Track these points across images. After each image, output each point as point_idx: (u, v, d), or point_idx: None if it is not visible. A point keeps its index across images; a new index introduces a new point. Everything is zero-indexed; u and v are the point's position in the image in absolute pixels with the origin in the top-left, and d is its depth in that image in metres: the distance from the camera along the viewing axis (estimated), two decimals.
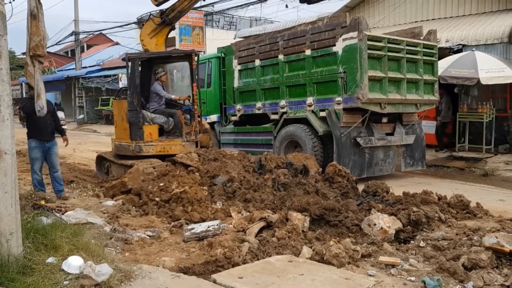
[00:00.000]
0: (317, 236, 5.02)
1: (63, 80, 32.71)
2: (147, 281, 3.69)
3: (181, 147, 8.57)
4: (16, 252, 3.59)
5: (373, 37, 9.06)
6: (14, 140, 3.76)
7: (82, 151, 15.45)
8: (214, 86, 12.39)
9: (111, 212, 6.16)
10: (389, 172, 10.18)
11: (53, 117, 7.35)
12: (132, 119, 8.74)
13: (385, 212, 5.57)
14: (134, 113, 8.73)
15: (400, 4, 15.97)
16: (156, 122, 8.98)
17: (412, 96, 9.77)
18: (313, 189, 6.67)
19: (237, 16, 32.76)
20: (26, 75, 6.04)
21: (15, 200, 3.65)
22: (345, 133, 9.27)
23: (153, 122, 8.97)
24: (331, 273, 3.91)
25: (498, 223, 5.38)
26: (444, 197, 6.45)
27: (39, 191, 7.03)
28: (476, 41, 13.01)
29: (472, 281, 3.83)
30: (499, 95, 12.99)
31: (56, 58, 39.84)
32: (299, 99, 10.20)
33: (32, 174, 7.25)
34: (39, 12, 5.78)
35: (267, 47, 10.92)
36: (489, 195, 8.32)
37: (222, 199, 6.46)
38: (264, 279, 3.75)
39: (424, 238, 4.93)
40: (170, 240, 5.16)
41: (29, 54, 5.87)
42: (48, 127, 7.20)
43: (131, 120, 8.73)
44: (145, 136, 8.75)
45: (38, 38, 5.76)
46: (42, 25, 5.83)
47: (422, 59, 9.87)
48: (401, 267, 4.18)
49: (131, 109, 8.73)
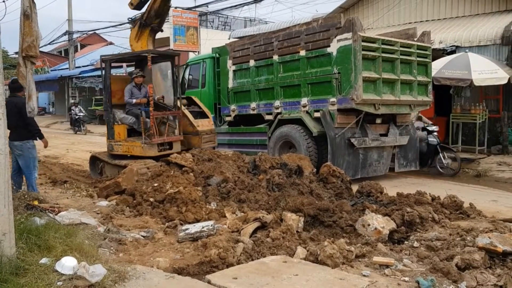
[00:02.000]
0: (311, 237, 5.03)
1: (56, 80, 32.53)
2: (141, 282, 3.67)
3: (140, 148, 8.59)
4: (9, 253, 3.57)
5: (367, 38, 9.09)
6: (7, 140, 3.73)
7: (76, 151, 15.38)
8: (209, 86, 12.38)
9: (105, 213, 6.12)
10: (383, 172, 10.22)
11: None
12: (106, 119, 9.33)
13: (379, 213, 5.59)
14: (107, 113, 9.25)
15: (394, 6, 16.05)
16: (124, 122, 9.05)
17: (406, 97, 9.81)
18: (308, 189, 6.68)
19: (231, 17, 32.75)
20: (18, 75, 5.99)
21: (8, 201, 3.62)
22: (339, 134, 9.29)
23: (122, 122, 9.07)
24: (326, 274, 3.92)
25: (491, 223, 5.40)
26: (438, 197, 6.48)
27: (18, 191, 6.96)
28: (469, 43, 13.10)
29: (465, 281, 3.85)
30: (492, 96, 13.09)
31: (50, 57, 39.66)
32: (294, 99, 10.21)
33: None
34: (32, 12, 5.73)
35: (261, 48, 10.93)
36: (482, 195, 8.37)
37: (217, 199, 6.45)
38: (259, 280, 3.74)
39: (418, 238, 4.95)
40: (164, 240, 5.14)
41: (21, 55, 5.82)
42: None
43: (105, 119, 9.31)
44: (115, 135, 9.06)
45: (31, 38, 5.71)
46: (35, 25, 5.79)
47: (416, 60, 9.92)
48: (395, 267, 4.19)
49: (105, 109, 9.26)
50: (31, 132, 7.06)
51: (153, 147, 8.56)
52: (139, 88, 9.20)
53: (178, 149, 8.82)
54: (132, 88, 9.14)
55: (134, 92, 9.14)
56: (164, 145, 8.76)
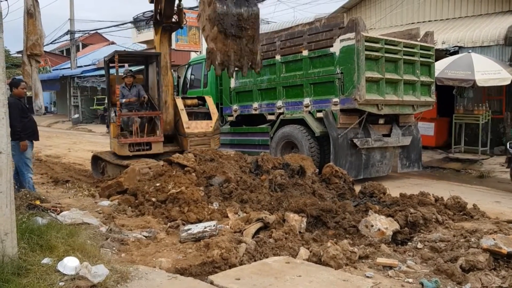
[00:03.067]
0: (314, 237, 5.00)
1: (58, 79, 32.53)
2: (143, 282, 3.66)
3: (117, 147, 8.77)
4: (11, 252, 3.55)
5: (370, 38, 9.07)
6: (9, 140, 3.72)
7: (77, 150, 15.36)
8: (211, 86, 12.36)
9: (107, 213, 6.11)
10: (386, 173, 10.19)
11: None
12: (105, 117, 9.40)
13: (382, 214, 5.56)
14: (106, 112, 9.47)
15: (397, 6, 16.01)
16: (115, 121, 9.15)
17: (409, 98, 9.78)
18: (310, 190, 6.65)
19: None
20: (23, 74, 6.00)
21: (10, 200, 3.61)
22: (342, 134, 9.26)
23: (113, 121, 9.22)
24: (329, 275, 3.89)
25: (495, 224, 5.38)
26: (441, 198, 6.46)
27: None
28: (472, 43, 13.06)
29: (470, 283, 3.83)
30: (494, 97, 13.05)
31: (51, 57, 39.64)
32: (296, 99, 10.19)
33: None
34: (35, 11, 5.75)
35: (264, 48, 10.88)
36: (485, 196, 8.34)
37: (219, 199, 6.43)
38: (261, 281, 3.72)
39: (422, 239, 4.93)
40: (167, 240, 5.13)
41: (26, 53, 5.83)
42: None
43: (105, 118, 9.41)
44: (111, 133, 9.35)
45: (35, 37, 5.72)
46: (39, 24, 5.80)
47: (419, 61, 9.90)
48: (398, 268, 4.17)
49: (105, 108, 9.29)
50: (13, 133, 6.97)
51: (124, 146, 8.65)
52: (130, 88, 9.32)
53: (159, 150, 8.86)
54: (122, 88, 9.27)
55: (124, 93, 9.26)
56: (142, 145, 8.79)
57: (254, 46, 5.18)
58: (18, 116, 6.74)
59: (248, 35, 5.09)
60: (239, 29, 5.01)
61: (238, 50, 5.08)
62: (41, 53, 5.92)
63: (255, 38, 5.18)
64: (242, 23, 5.01)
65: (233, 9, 4.99)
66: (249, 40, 5.11)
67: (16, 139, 6.87)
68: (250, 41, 5.12)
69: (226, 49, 5.02)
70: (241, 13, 5.03)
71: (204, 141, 9.32)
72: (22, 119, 6.78)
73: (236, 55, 5.08)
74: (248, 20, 5.04)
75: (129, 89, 9.30)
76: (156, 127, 9.03)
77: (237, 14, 5.01)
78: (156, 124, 9.03)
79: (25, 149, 6.99)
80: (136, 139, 8.71)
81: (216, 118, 9.66)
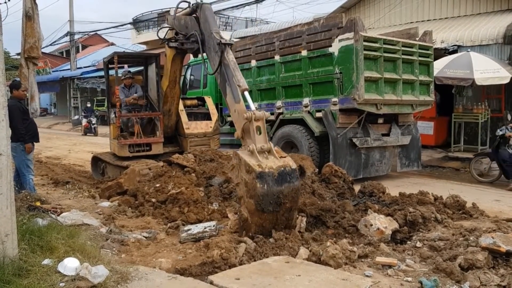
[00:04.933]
0: (313, 237, 5.02)
1: (58, 80, 32.58)
2: (143, 283, 3.67)
3: (117, 148, 8.80)
4: (12, 254, 3.56)
5: (369, 38, 9.08)
6: (9, 142, 3.73)
7: (77, 152, 15.39)
8: (210, 86, 12.37)
9: (107, 213, 6.13)
10: (385, 172, 10.20)
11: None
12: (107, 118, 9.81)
13: (381, 213, 5.58)
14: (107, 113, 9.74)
15: (396, 5, 16.02)
16: (114, 122, 9.20)
17: (408, 97, 9.79)
18: (310, 189, 6.66)
19: (233, 17, 32.71)
20: (21, 76, 6.01)
21: (11, 202, 3.62)
22: (341, 134, 9.28)
23: (113, 122, 9.29)
24: (328, 274, 3.91)
25: (494, 223, 5.40)
26: (440, 197, 6.47)
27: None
28: (471, 42, 13.05)
29: (468, 282, 3.84)
30: (494, 95, 13.05)
31: (51, 58, 39.69)
32: (295, 99, 10.20)
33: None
34: (34, 13, 5.76)
35: (263, 48, 10.92)
36: (485, 195, 8.35)
37: (219, 200, 6.44)
38: (261, 280, 3.74)
39: (421, 238, 4.94)
40: (167, 241, 5.14)
41: (23, 56, 5.84)
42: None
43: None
44: (111, 134, 9.42)
45: (33, 39, 5.73)
46: (37, 26, 5.81)
47: (417, 60, 9.90)
48: (398, 267, 4.19)
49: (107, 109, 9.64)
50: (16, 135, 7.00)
51: (123, 147, 8.67)
52: (129, 89, 9.37)
53: (159, 151, 8.86)
54: (122, 89, 9.30)
55: (123, 93, 9.28)
56: (141, 146, 8.80)
57: (290, 214, 4.94)
58: (20, 118, 6.77)
59: (286, 207, 4.84)
60: (277, 205, 4.75)
61: (274, 220, 4.86)
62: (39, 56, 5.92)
63: (292, 209, 4.93)
64: (282, 199, 4.75)
65: (274, 187, 4.69)
66: (287, 210, 4.87)
67: (20, 141, 6.91)
68: (287, 211, 4.88)
69: (261, 222, 4.81)
70: (281, 191, 4.74)
71: (204, 142, 9.34)
72: (24, 121, 6.79)
73: (271, 224, 4.86)
74: (288, 195, 4.80)
75: (128, 90, 9.34)
76: (156, 127, 9.03)
77: (278, 192, 4.72)
78: (156, 125, 9.04)
79: (30, 151, 7.02)
80: (136, 140, 8.72)
81: (215, 118, 9.68)
